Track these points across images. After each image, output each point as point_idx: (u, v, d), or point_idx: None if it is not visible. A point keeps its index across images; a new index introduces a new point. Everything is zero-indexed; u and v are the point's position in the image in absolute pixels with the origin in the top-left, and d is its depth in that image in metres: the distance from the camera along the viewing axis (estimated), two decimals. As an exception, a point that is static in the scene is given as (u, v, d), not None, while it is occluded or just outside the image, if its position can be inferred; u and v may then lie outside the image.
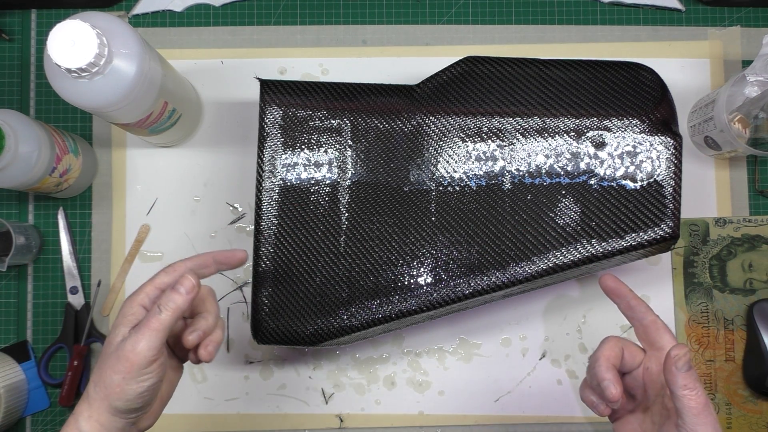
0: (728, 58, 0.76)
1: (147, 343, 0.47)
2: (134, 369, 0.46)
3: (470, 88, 0.64)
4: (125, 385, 0.47)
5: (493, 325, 0.73)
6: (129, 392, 0.47)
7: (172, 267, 0.52)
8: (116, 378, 0.47)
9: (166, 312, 0.48)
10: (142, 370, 0.47)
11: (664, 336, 0.50)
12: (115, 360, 0.47)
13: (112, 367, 0.47)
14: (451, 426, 0.73)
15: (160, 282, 0.51)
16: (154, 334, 0.47)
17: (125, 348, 0.47)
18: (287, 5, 0.77)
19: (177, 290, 0.48)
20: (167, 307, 0.48)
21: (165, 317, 0.47)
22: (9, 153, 0.61)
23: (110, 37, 0.55)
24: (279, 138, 0.65)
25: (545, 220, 0.62)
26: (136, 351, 0.46)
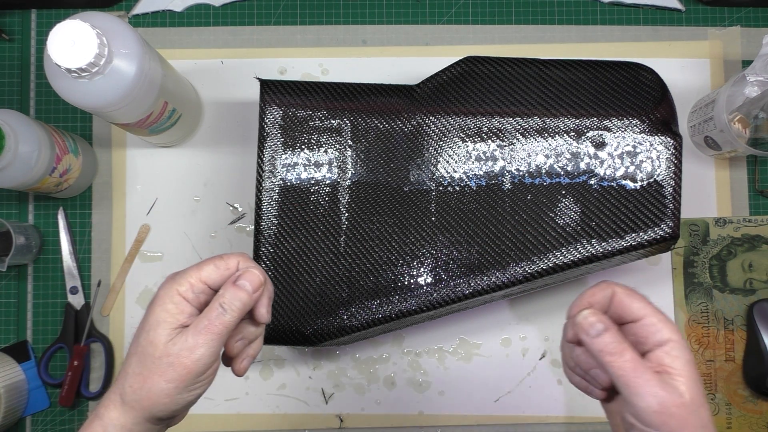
0: (728, 58, 0.76)
1: (208, 349, 0.41)
2: (190, 377, 0.41)
3: (470, 88, 0.64)
4: (176, 395, 0.41)
5: (493, 325, 0.73)
6: (179, 402, 0.41)
7: (224, 262, 0.44)
8: (167, 387, 0.41)
9: (231, 314, 0.42)
10: (197, 378, 0.41)
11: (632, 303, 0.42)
12: (167, 366, 0.40)
13: (162, 374, 0.40)
14: (451, 426, 0.73)
15: (208, 276, 0.43)
16: (216, 339, 0.41)
17: (180, 353, 0.40)
18: (287, 5, 0.77)
19: (243, 288, 0.43)
20: (233, 308, 0.42)
21: (230, 320, 0.42)
22: (9, 153, 0.61)
23: (110, 37, 0.55)
24: (279, 138, 0.65)
25: (545, 220, 0.62)
26: (194, 358, 0.40)
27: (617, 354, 0.39)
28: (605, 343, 0.40)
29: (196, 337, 0.41)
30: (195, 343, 0.41)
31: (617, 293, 0.42)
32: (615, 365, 0.39)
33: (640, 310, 0.41)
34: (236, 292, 0.42)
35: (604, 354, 0.40)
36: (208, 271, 0.43)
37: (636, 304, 0.42)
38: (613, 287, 0.43)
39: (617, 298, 0.42)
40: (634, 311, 0.41)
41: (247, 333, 0.46)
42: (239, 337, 0.45)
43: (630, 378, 0.39)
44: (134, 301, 0.73)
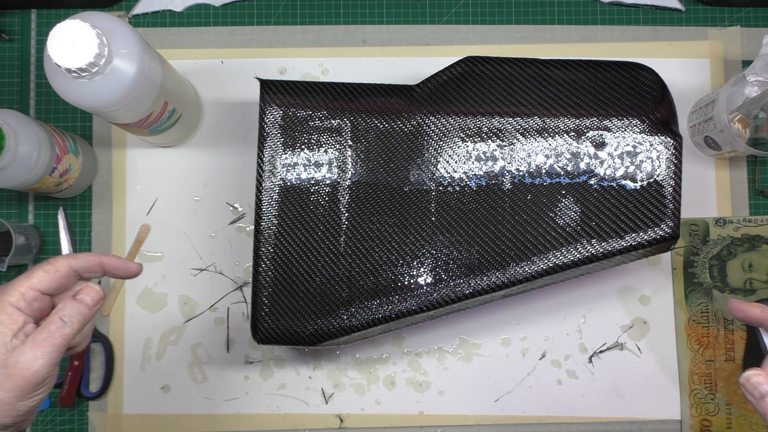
0: (728, 58, 0.76)
1: (47, 360, 0.41)
2: (29, 387, 0.41)
3: (470, 88, 0.64)
4: (16, 403, 0.41)
5: (493, 325, 0.73)
6: (20, 408, 0.42)
7: (53, 266, 0.45)
8: (6, 396, 0.41)
9: (71, 326, 0.43)
10: (36, 386, 0.42)
11: None
12: (5, 377, 0.41)
13: (1, 385, 0.41)
14: (451, 426, 0.73)
15: (39, 283, 0.44)
16: (55, 351, 0.42)
17: (18, 365, 0.41)
18: (287, 5, 0.77)
19: (83, 301, 0.44)
20: (73, 321, 0.43)
21: (69, 332, 0.43)
22: (9, 153, 0.61)
23: (110, 37, 0.55)
24: (279, 138, 0.65)
25: (545, 220, 0.62)
26: (33, 369, 0.41)
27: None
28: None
29: (34, 350, 0.41)
30: (34, 356, 0.41)
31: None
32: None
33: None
34: (76, 306, 0.43)
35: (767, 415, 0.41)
36: (39, 277, 0.44)
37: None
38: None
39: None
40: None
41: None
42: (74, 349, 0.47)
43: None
44: (134, 301, 0.73)
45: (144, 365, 0.73)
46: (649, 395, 0.72)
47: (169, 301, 0.73)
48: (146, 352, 0.73)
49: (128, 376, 0.73)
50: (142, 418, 0.72)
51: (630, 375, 0.72)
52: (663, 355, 0.73)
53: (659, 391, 0.73)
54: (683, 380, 0.72)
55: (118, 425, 0.72)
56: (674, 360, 0.73)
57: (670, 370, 0.73)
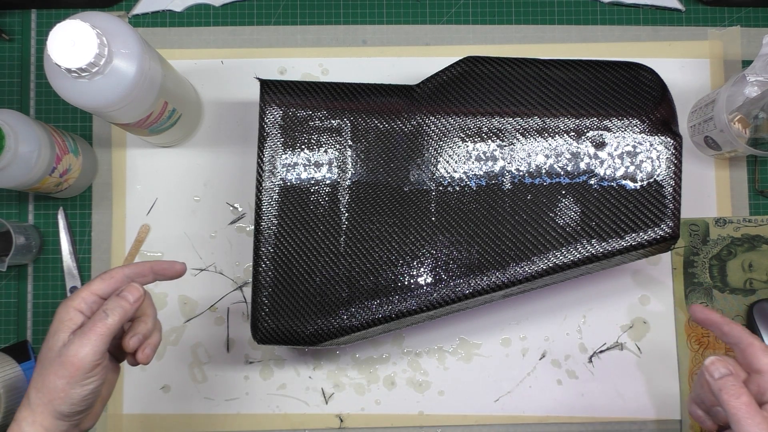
0: (728, 58, 0.76)
1: (92, 348, 0.47)
2: (78, 374, 0.47)
3: (470, 88, 0.64)
4: (69, 390, 0.47)
5: (493, 325, 0.73)
6: (74, 396, 0.47)
7: (108, 274, 0.51)
8: (60, 383, 0.47)
9: (112, 317, 0.48)
10: (86, 374, 0.47)
11: (762, 358, 0.49)
12: (59, 365, 0.47)
13: (56, 372, 0.47)
14: (451, 426, 0.73)
15: (97, 288, 0.50)
16: (99, 339, 0.47)
17: (69, 353, 0.47)
18: (287, 5, 0.77)
19: (125, 297, 0.49)
20: (114, 312, 0.48)
21: (111, 322, 0.48)
22: (9, 153, 0.61)
23: (110, 37, 0.55)
24: (279, 138, 0.65)
25: (545, 220, 0.62)
26: (80, 356, 0.47)
27: (735, 395, 0.46)
28: (726, 385, 0.47)
29: (82, 338, 0.47)
30: (81, 343, 0.47)
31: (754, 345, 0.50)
32: (731, 404, 0.46)
33: (764, 365, 0.48)
34: (118, 300, 0.49)
35: (722, 393, 0.46)
36: (96, 284, 0.50)
37: (765, 359, 0.48)
38: (746, 336, 0.50)
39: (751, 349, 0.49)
40: (761, 365, 0.48)
41: (140, 330, 0.52)
42: (132, 334, 0.51)
43: (742, 417, 0.45)
44: (134, 301, 0.73)
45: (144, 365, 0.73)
46: (649, 395, 0.72)
47: (169, 301, 0.73)
48: (146, 352, 0.73)
49: (128, 376, 0.73)
50: (142, 418, 0.72)
51: (630, 375, 0.72)
52: (663, 355, 0.73)
53: (659, 391, 0.73)
54: (683, 380, 0.72)
55: (118, 425, 0.72)
56: (674, 360, 0.73)
57: (670, 370, 0.73)
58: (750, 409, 0.45)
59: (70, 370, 0.47)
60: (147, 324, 0.52)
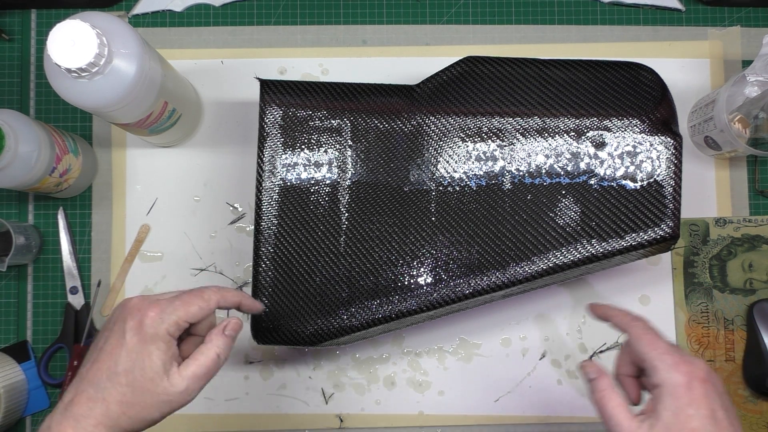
0: (728, 58, 0.76)
1: (199, 387, 0.46)
2: (175, 408, 0.46)
3: (470, 88, 0.64)
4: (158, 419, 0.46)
5: (493, 325, 0.73)
6: (151, 422, 0.45)
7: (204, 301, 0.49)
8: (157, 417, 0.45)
9: (224, 359, 0.48)
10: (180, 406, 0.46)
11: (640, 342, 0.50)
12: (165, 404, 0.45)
13: (159, 408, 0.45)
14: (451, 426, 0.73)
15: (193, 316, 0.48)
16: (207, 379, 0.47)
17: (177, 394, 0.45)
18: (287, 5, 0.77)
19: (230, 336, 0.49)
20: (225, 355, 0.48)
21: (222, 363, 0.48)
22: (9, 153, 0.61)
23: (110, 37, 0.55)
24: (279, 138, 0.65)
25: (545, 220, 0.62)
26: (188, 398, 0.46)
27: (608, 398, 0.48)
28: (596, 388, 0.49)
29: (194, 382, 0.46)
30: (192, 387, 0.46)
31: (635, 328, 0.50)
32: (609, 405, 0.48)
33: (645, 348, 0.49)
34: (227, 342, 0.49)
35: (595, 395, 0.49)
36: (194, 311, 0.48)
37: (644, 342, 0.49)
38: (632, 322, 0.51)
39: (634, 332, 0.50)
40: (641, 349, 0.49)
41: None
42: None
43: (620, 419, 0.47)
44: (134, 301, 0.73)
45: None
46: (649, 395, 0.72)
47: (169, 301, 0.73)
48: (146, 352, 0.73)
49: (128, 376, 0.73)
50: (142, 418, 0.72)
51: (630, 375, 0.72)
52: (663, 355, 0.73)
53: (659, 391, 0.72)
54: (683, 380, 0.72)
55: None
56: (674, 360, 0.73)
57: (670, 370, 0.73)
58: (621, 411, 0.47)
59: (174, 407, 0.46)
60: None
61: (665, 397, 0.45)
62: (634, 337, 0.50)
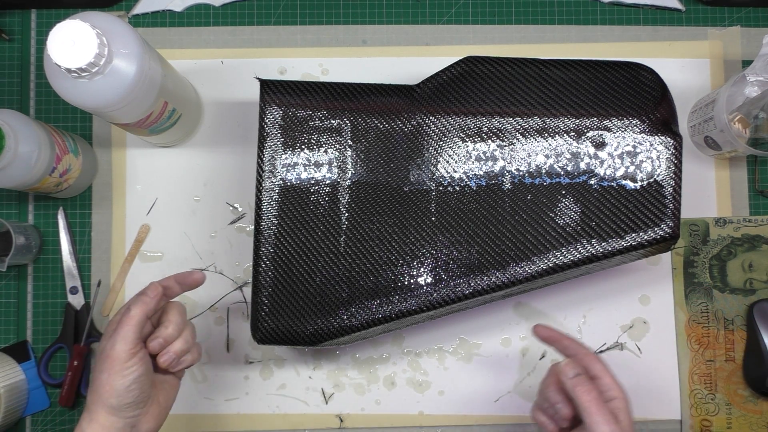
0: (728, 58, 0.76)
1: (122, 339, 0.52)
2: (116, 364, 0.52)
3: (470, 88, 0.64)
4: (112, 381, 0.52)
5: (493, 325, 0.73)
6: (117, 386, 0.52)
7: (144, 294, 0.56)
8: (103, 377, 0.52)
9: (134, 309, 0.53)
10: (124, 365, 0.52)
11: (596, 365, 0.57)
12: (100, 361, 0.53)
13: (99, 368, 0.53)
14: (451, 426, 0.73)
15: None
16: (127, 330, 0.53)
17: (105, 348, 0.53)
18: (287, 5, 0.77)
19: (145, 293, 0.55)
20: (135, 305, 0.54)
21: (133, 313, 0.53)
22: (9, 153, 0.61)
23: (110, 37, 0.55)
24: (279, 138, 0.65)
25: (545, 220, 0.62)
26: (115, 348, 0.52)
27: (586, 391, 0.54)
28: (579, 382, 0.55)
29: (112, 335, 0.53)
30: (114, 339, 0.53)
31: (589, 355, 0.58)
32: (584, 398, 0.54)
33: (599, 371, 0.56)
34: (139, 296, 0.55)
35: (576, 388, 0.54)
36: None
37: (598, 365, 0.57)
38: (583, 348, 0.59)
39: (587, 359, 0.57)
40: (596, 371, 0.56)
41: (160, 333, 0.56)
42: (153, 336, 0.55)
43: (594, 409, 0.53)
44: (134, 301, 0.73)
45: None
46: (649, 395, 0.72)
47: (169, 301, 0.73)
48: (146, 352, 0.73)
49: (128, 376, 0.73)
50: (142, 418, 0.72)
51: (630, 375, 0.72)
52: (663, 355, 0.73)
53: (659, 391, 0.73)
54: (683, 380, 0.72)
55: None
56: (674, 360, 0.73)
57: (670, 370, 0.73)
58: (599, 403, 0.53)
59: (107, 362, 0.52)
60: (168, 329, 0.56)
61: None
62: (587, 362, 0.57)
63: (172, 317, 0.57)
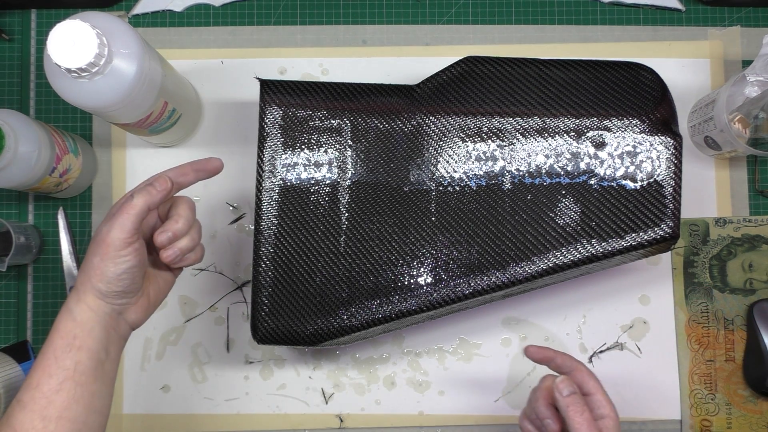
0: (728, 58, 0.76)
1: (119, 225, 0.50)
2: (110, 251, 0.50)
3: (470, 88, 0.64)
4: (103, 266, 0.50)
5: (493, 325, 0.73)
6: (108, 273, 0.50)
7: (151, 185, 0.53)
8: (95, 260, 0.50)
9: (137, 198, 0.51)
10: (118, 253, 0.50)
11: (590, 382, 0.57)
12: (95, 245, 0.51)
13: (92, 251, 0.51)
14: (451, 426, 0.73)
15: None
16: (126, 218, 0.50)
17: (101, 233, 0.51)
18: (287, 5, 0.77)
19: (152, 184, 0.52)
20: (139, 195, 0.51)
21: (136, 202, 0.50)
22: (9, 153, 0.61)
23: (110, 37, 0.55)
24: (279, 138, 0.65)
25: (545, 220, 0.62)
26: (111, 234, 0.50)
27: (579, 412, 0.54)
28: (573, 402, 0.54)
29: (110, 220, 0.51)
30: (111, 223, 0.50)
31: (582, 371, 0.58)
32: (576, 419, 0.54)
33: (592, 388, 0.57)
34: (145, 186, 0.52)
35: (569, 408, 0.54)
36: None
37: (591, 382, 0.57)
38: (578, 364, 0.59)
39: (580, 375, 0.58)
40: (589, 387, 0.57)
41: (169, 227, 0.54)
42: (161, 230, 0.53)
43: (584, 430, 0.53)
44: (134, 301, 0.73)
45: (144, 365, 0.73)
46: (649, 395, 0.72)
47: (169, 301, 0.73)
48: (146, 352, 0.73)
49: (128, 376, 0.73)
50: (142, 418, 0.72)
51: (630, 375, 0.72)
52: (663, 355, 0.73)
53: (659, 391, 0.73)
54: (683, 380, 0.72)
55: (118, 425, 0.72)
56: (674, 360, 0.73)
57: (670, 370, 0.73)
58: (590, 424, 0.53)
59: (102, 247, 0.50)
60: (178, 223, 0.54)
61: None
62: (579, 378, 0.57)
63: (183, 212, 0.55)
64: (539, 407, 0.58)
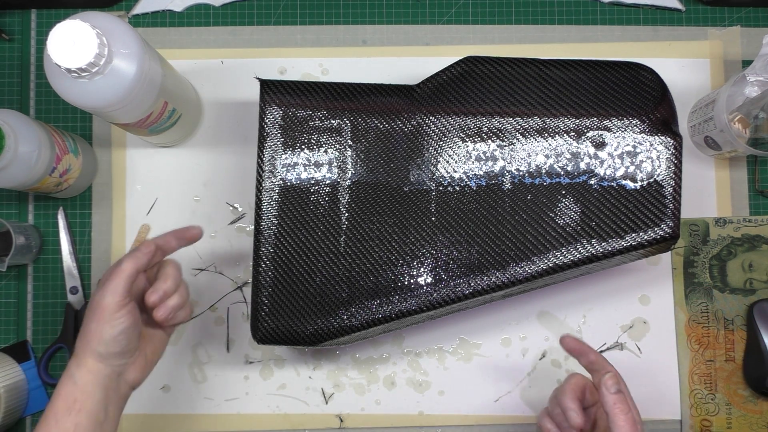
0: (728, 58, 0.76)
1: (112, 290, 0.53)
2: (105, 314, 0.53)
3: (470, 88, 0.64)
4: (100, 330, 0.53)
5: (493, 325, 0.73)
6: (105, 335, 0.53)
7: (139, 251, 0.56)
8: (92, 325, 0.53)
9: (126, 263, 0.54)
10: (113, 315, 0.53)
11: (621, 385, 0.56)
12: (90, 312, 0.54)
13: (88, 318, 0.54)
14: (451, 426, 0.73)
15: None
16: (117, 282, 0.53)
17: (95, 299, 0.54)
18: (287, 5, 0.77)
19: (138, 249, 0.56)
20: (127, 260, 0.54)
21: (125, 266, 0.54)
22: (9, 153, 0.61)
23: (110, 37, 0.55)
24: (279, 138, 0.65)
25: (545, 220, 0.62)
26: (104, 299, 0.53)
27: (625, 410, 0.53)
28: (620, 399, 0.54)
29: (102, 286, 0.54)
30: (104, 290, 0.53)
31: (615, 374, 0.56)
32: (621, 417, 0.53)
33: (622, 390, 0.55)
34: (132, 252, 0.55)
35: (616, 406, 0.54)
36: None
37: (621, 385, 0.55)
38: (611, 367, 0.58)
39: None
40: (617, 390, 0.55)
41: (159, 287, 0.56)
42: (152, 290, 0.56)
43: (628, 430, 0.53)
44: (134, 301, 0.73)
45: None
46: (649, 395, 0.72)
47: (169, 301, 0.73)
48: (146, 352, 0.73)
49: (128, 376, 0.73)
50: (142, 418, 0.72)
51: (630, 375, 0.72)
52: (663, 355, 0.73)
53: (659, 391, 0.73)
54: (683, 380, 0.72)
55: (118, 425, 0.72)
56: (674, 360, 0.73)
57: (670, 370, 0.73)
58: (634, 425, 0.53)
59: (97, 312, 0.53)
60: (167, 283, 0.56)
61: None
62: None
63: (170, 271, 0.57)
64: (566, 400, 0.57)
